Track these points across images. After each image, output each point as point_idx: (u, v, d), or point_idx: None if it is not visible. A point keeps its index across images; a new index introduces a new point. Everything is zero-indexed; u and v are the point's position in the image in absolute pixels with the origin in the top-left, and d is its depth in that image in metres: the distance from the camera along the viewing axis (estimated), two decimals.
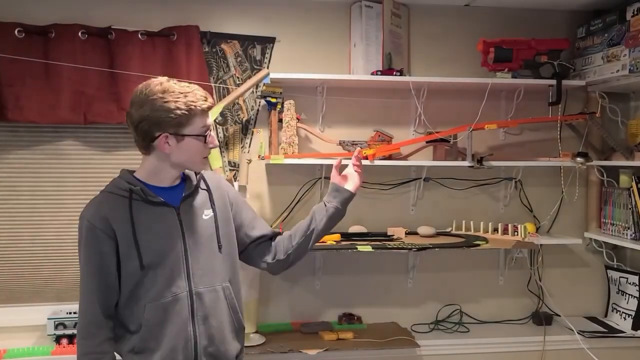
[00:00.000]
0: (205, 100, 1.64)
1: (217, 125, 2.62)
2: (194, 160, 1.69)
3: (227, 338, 1.71)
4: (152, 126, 1.60)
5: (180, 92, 1.61)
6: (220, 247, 1.73)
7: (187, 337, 1.65)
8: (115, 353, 1.69)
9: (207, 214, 1.74)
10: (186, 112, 1.60)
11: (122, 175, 1.70)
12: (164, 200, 1.68)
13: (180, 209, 1.70)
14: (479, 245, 2.54)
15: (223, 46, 2.62)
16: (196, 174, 1.77)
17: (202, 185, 1.78)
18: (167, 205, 1.68)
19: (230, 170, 2.64)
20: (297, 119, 2.58)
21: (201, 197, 1.76)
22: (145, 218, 1.65)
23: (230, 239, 1.79)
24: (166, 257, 1.65)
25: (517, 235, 2.64)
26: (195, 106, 1.61)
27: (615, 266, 2.92)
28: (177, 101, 1.59)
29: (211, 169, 2.42)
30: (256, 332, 2.54)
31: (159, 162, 1.68)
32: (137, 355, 1.65)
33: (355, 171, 1.90)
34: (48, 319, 2.46)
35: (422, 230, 2.72)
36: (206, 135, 1.66)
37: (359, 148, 2.16)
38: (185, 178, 1.76)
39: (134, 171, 1.72)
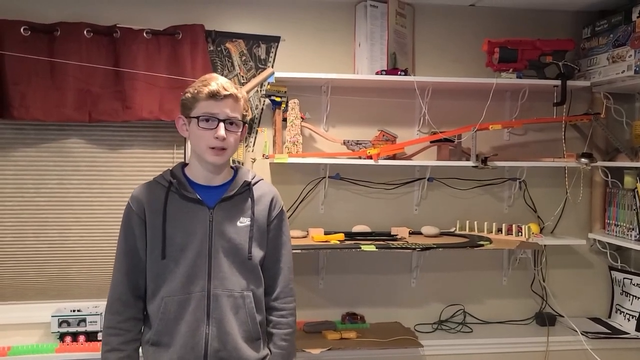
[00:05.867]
0: (216, 87, 1.63)
1: None
2: (201, 147, 1.67)
3: (239, 345, 1.68)
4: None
5: (201, 79, 1.69)
6: (250, 258, 1.72)
7: (199, 337, 1.65)
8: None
9: (244, 221, 1.73)
10: (192, 95, 1.67)
11: (173, 167, 1.77)
12: (200, 198, 1.70)
13: (215, 210, 1.70)
14: (482, 245, 2.54)
15: (228, 45, 2.62)
16: (246, 183, 1.76)
17: (249, 193, 1.76)
18: (201, 204, 1.69)
19: None
20: (302, 118, 2.59)
21: (243, 203, 1.74)
22: (177, 212, 1.68)
23: (261, 251, 1.77)
24: (188, 253, 1.67)
25: (521, 235, 2.63)
26: (200, 91, 1.65)
27: (619, 267, 2.91)
28: (193, 86, 1.68)
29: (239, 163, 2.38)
30: None
31: (191, 154, 1.74)
32: (152, 347, 1.69)
33: None
34: (52, 316, 2.46)
35: (426, 230, 2.72)
36: (208, 120, 1.64)
37: None
38: (232, 181, 1.76)
39: (187, 164, 1.78)
